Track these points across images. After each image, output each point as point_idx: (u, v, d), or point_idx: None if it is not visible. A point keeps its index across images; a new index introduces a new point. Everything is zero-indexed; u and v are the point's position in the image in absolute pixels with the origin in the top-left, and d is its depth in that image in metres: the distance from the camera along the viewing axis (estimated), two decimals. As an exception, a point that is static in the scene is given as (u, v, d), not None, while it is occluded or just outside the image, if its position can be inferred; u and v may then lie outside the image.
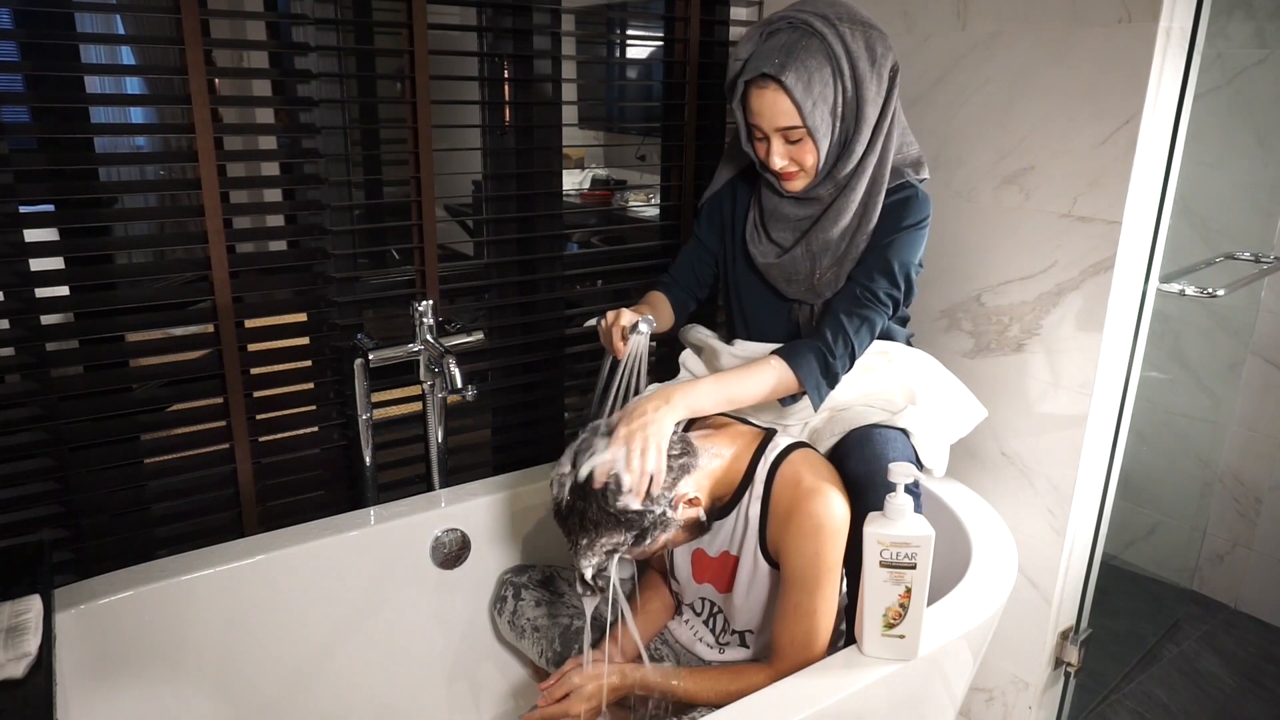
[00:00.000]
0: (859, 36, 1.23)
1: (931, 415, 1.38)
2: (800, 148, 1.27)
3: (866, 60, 1.23)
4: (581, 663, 1.29)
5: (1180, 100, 1.41)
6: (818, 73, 1.21)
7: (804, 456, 1.26)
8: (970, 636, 1.26)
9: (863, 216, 1.32)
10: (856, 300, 1.31)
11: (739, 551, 1.29)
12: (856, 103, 1.24)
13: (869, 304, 1.31)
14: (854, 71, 1.23)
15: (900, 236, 1.31)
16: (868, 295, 1.31)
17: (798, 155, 1.28)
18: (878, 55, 1.24)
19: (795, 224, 1.37)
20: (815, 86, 1.21)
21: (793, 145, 1.27)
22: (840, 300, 1.33)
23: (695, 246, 1.53)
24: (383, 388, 1.68)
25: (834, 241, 1.33)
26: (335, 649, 1.46)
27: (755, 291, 1.45)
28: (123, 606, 1.27)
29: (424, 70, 1.60)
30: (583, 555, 1.17)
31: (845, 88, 1.23)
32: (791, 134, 1.25)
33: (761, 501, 1.24)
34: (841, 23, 1.22)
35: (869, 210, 1.31)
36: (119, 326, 1.49)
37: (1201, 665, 2.10)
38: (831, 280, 1.35)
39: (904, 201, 1.33)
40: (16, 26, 1.37)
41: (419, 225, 1.68)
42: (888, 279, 1.31)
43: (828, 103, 1.23)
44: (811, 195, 1.33)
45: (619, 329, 1.28)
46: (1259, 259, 1.94)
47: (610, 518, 1.14)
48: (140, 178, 3.16)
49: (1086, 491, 1.59)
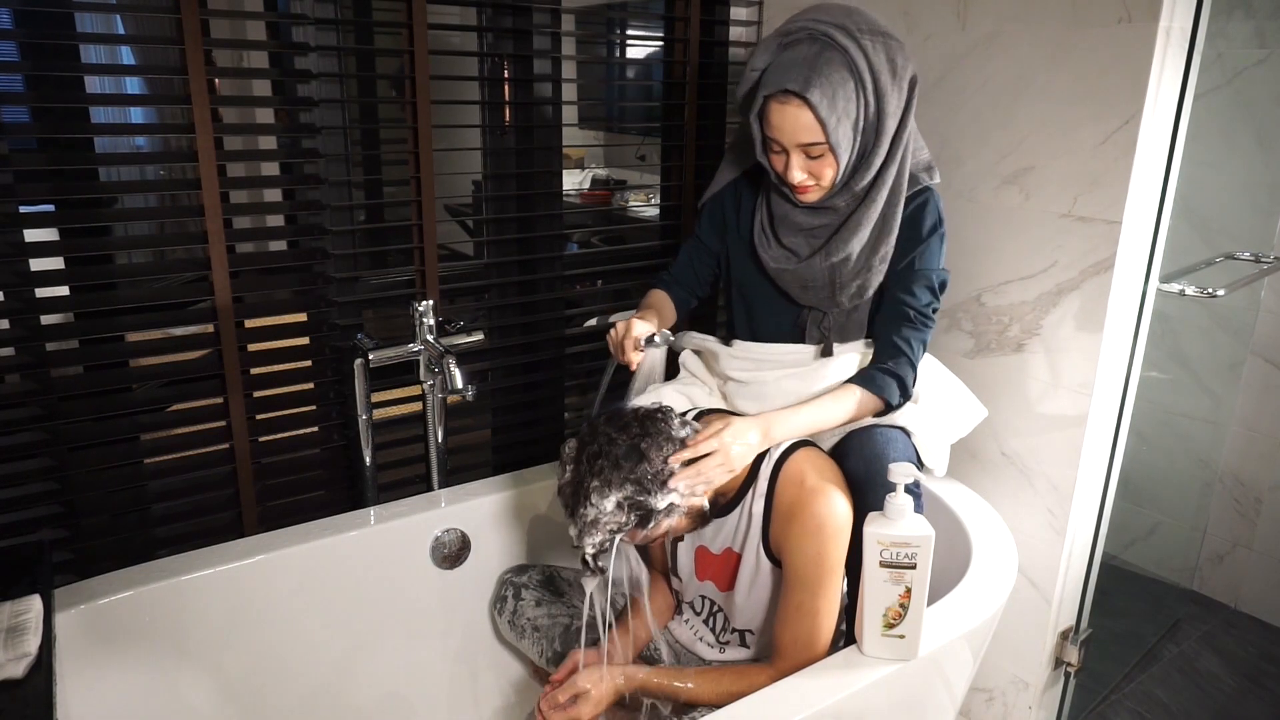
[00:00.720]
0: (880, 49, 1.21)
1: (932, 415, 1.38)
2: (820, 163, 1.25)
3: (888, 74, 1.22)
4: (580, 661, 1.28)
5: (1180, 100, 1.41)
6: (841, 88, 1.19)
7: (808, 455, 1.26)
8: (970, 636, 1.26)
9: (883, 228, 1.31)
10: (909, 321, 1.32)
11: (741, 549, 1.29)
12: (878, 116, 1.23)
13: (920, 324, 1.32)
14: (876, 85, 1.21)
15: (927, 246, 1.32)
16: (916, 314, 1.32)
17: (816, 170, 1.26)
18: (898, 67, 1.23)
19: (809, 233, 1.36)
20: (839, 102, 1.19)
21: (813, 160, 1.25)
22: (891, 324, 1.33)
23: (695, 245, 1.53)
24: (383, 388, 1.68)
25: (854, 253, 1.32)
26: (335, 649, 1.46)
27: (763, 293, 1.44)
28: (123, 606, 1.27)
29: (424, 70, 1.60)
30: (586, 532, 1.15)
31: (868, 102, 1.22)
32: (813, 150, 1.23)
33: (765, 498, 1.24)
34: (863, 35, 1.20)
35: (889, 221, 1.31)
36: (119, 326, 1.49)
37: (1201, 665, 2.10)
38: (856, 292, 1.34)
39: (922, 207, 1.33)
40: (16, 26, 1.37)
41: (419, 225, 1.68)
42: (929, 292, 1.33)
43: (850, 118, 1.21)
44: (827, 205, 1.32)
45: (631, 340, 1.27)
46: (1259, 259, 1.94)
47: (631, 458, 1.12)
48: (140, 178, 3.16)
49: (1086, 491, 1.59)
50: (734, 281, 1.50)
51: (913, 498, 1.12)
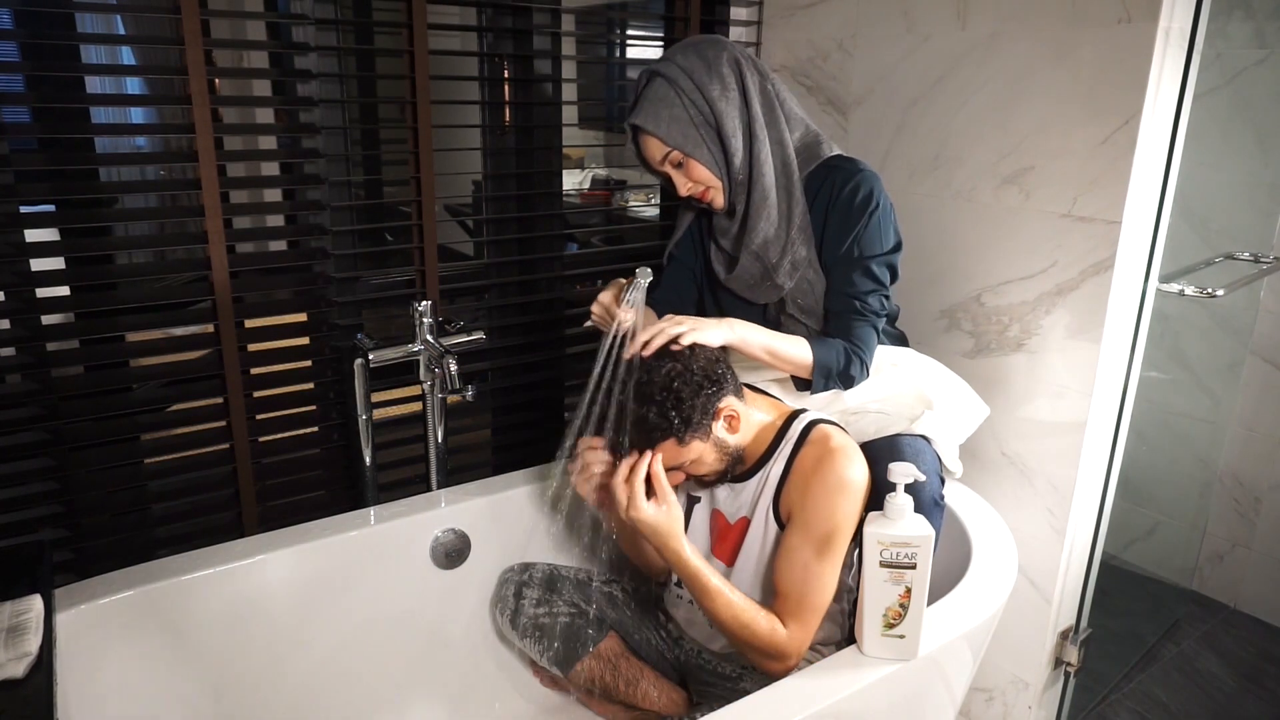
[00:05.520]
0: (690, 54, 1.31)
1: (946, 418, 1.39)
2: (691, 168, 1.34)
3: (702, 69, 1.30)
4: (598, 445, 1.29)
5: (1180, 100, 1.41)
6: (663, 101, 1.30)
7: (835, 427, 1.29)
8: (970, 636, 1.26)
9: (788, 201, 1.35)
10: (853, 312, 1.35)
11: (752, 513, 1.31)
12: (709, 105, 1.30)
13: (864, 312, 1.35)
14: (692, 80, 1.29)
15: (862, 233, 1.33)
16: (860, 304, 1.35)
17: (694, 176, 1.35)
18: (709, 59, 1.30)
19: (730, 233, 1.42)
20: (663, 110, 1.30)
21: (683, 169, 1.35)
22: (836, 318, 1.37)
23: (675, 266, 1.56)
24: (383, 388, 1.68)
25: (770, 234, 1.36)
26: (335, 649, 1.46)
27: (736, 306, 1.48)
28: (123, 606, 1.27)
29: (424, 70, 1.60)
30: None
31: (689, 100, 1.30)
32: (673, 158, 1.33)
33: (786, 460, 1.27)
34: (675, 55, 1.31)
35: (791, 193, 1.35)
36: (119, 326, 1.49)
37: (1201, 665, 2.10)
38: (790, 268, 1.37)
39: (849, 190, 1.34)
40: (16, 26, 1.37)
41: (419, 225, 1.68)
42: (869, 278, 1.34)
43: (679, 121, 1.30)
44: (732, 203, 1.38)
45: (613, 292, 1.32)
46: (1259, 259, 1.94)
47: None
48: (140, 178, 3.15)
49: (1086, 491, 1.59)
50: (717, 308, 1.53)
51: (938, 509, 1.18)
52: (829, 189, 1.35)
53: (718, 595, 1.22)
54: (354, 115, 1.74)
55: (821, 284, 1.38)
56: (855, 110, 1.83)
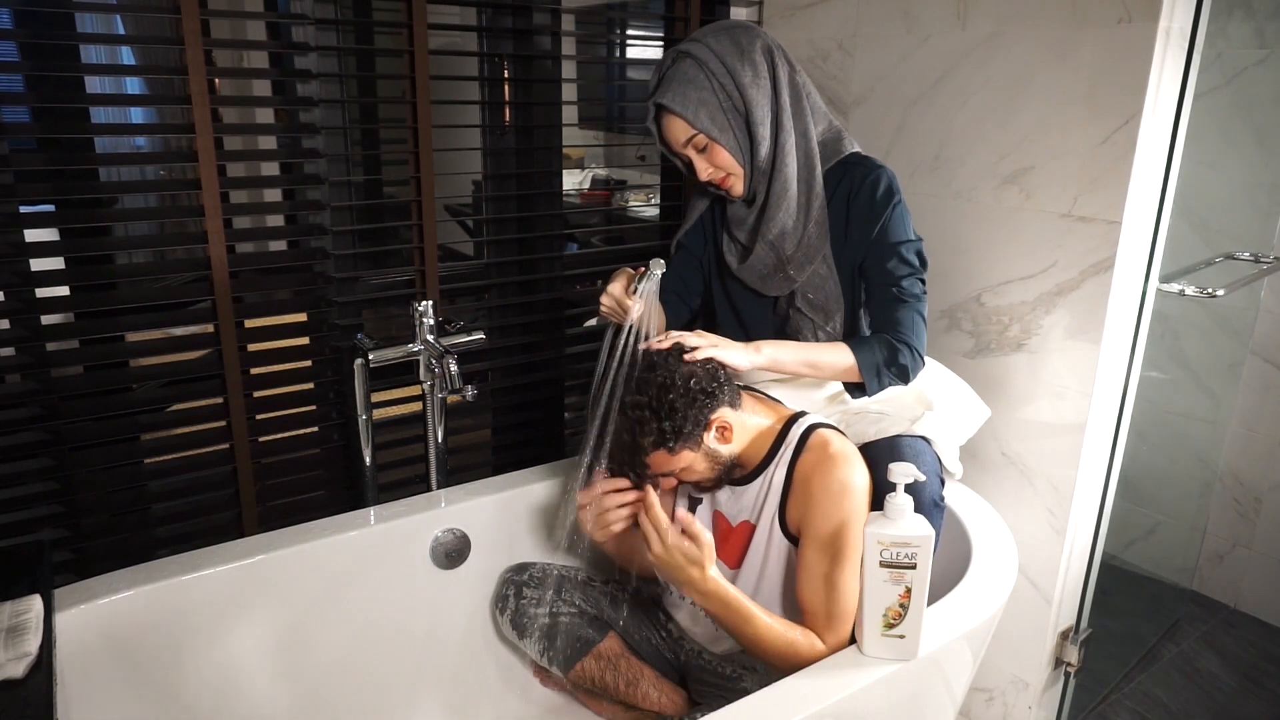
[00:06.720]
0: (723, 38, 1.30)
1: (947, 420, 1.39)
2: (714, 154, 1.33)
3: (734, 54, 1.29)
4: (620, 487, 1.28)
5: (1180, 100, 1.41)
6: (691, 82, 1.29)
7: (833, 431, 1.28)
8: (970, 636, 1.26)
9: (808, 193, 1.35)
10: (895, 300, 1.34)
11: (757, 519, 1.30)
12: (739, 92, 1.29)
13: (908, 297, 1.34)
14: (724, 64, 1.29)
15: (888, 222, 1.34)
16: (899, 290, 1.34)
17: (717, 161, 1.34)
18: (743, 45, 1.30)
19: (747, 222, 1.41)
20: (690, 92, 1.29)
21: (706, 153, 1.34)
22: (880, 309, 1.36)
23: (683, 255, 1.56)
24: (383, 388, 1.68)
25: (789, 227, 1.36)
26: (335, 649, 1.46)
27: (744, 297, 1.48)
28: (123, 606, 1.27)
29: (424, 70, 1.60)
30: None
31: (721, 84, 1.29)
32: (697, 142, 1.32)
33: (788, 467, 1.26)
34: (706, 35, 1.31)
35: (811, 186, 1.35)
36: (119, 326, 1.49)
37: (1201, 665, 2.10)
38: (804, 259, 1.37)
39: (869, 184, 1.35)
40: (16, 26, 1.37)
41: (419, 225, 1.68)
42: (905, 264, 1.34)
43: (708, 105, 1.30)
44: (753, 191, 1.38)
45: (622, 282, 1.32)
46: (1259, 259, 1.94)
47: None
48: (140, 178, 3.16)
49: (1086, 491, 1.59)
50: (721, 293, 1.53)
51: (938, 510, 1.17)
52: (849, 184, 1.36)
53: (756, 620, 1.21)
54: (354, 115, 1.74)
55: (833, 280, 1.39)
56: (855, 110, 1.83)
